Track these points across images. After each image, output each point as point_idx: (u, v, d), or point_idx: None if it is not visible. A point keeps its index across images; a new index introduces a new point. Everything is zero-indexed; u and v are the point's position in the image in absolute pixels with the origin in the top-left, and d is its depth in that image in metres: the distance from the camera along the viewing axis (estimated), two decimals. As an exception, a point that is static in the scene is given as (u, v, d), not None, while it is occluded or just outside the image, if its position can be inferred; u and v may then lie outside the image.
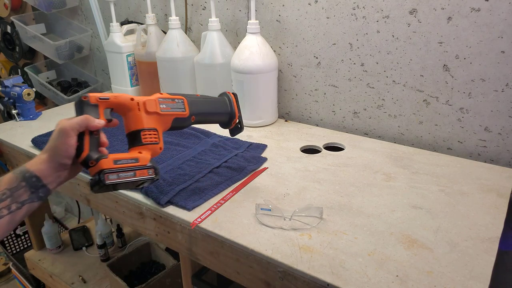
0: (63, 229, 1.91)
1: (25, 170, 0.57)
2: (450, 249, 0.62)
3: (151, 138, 0.65)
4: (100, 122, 0.61)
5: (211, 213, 0.72)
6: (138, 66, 1.32)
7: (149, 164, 0.63)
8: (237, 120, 0.80)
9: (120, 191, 0.82)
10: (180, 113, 0.70)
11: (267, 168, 0.87)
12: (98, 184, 0.59)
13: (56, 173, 0.58)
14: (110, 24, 1.30)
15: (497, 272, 0.60)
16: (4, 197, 0.55)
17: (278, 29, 1.11)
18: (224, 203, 0.75)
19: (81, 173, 0.90)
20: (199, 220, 0.70)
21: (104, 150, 0.63)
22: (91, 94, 0.62)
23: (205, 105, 0.76)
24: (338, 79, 1.06)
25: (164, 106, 0.68)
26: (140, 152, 0.64)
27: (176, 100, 0.70)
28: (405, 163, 0.88)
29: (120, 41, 1.30)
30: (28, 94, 1.20)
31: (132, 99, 0.65)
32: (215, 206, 0.74)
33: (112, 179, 0.58)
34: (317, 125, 1.14)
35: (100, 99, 0.62)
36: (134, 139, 0.65)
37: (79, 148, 0.59)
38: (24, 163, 0.59)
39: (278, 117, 1.16)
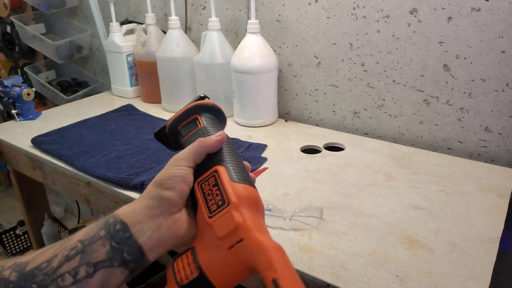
0: (63, 229, 1.91)
1: (112, 215, 0.38)
2: (450, 249, 0.61)
3: None
4: (218, 136, 0.43)
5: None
6: (138, 66, 1.31)
7: None
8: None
9: (120, 190, 0.82)
10: None
11: (267, 168, 0.87)
12: None
13: (158, 216, 0.38)
14: (110, 24, 1.30)
15: (497, 272, 0.60)
16: (72, 253, 0.35)
17: (278, 29, 1.11)
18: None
19: (80, 173, 0.90)
20: None
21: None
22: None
23: None
24: (338, 79, 1.06)
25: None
26: None
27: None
28: (405, 163, 0.88)
29: (119, 41, 1.30)
30: (28, 94, 1.20)
31: None
32: None
33: None
34: (317, 125, 1.14)
35: None
36: None
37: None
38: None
39: (278, 117, 1.16)
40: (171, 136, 0.50)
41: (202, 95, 0.51)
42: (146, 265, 0.38)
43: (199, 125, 0.47)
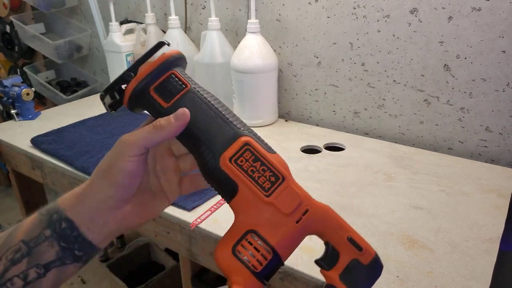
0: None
1: (55, 208, 0.35)
2: (450, 249, 0.61)
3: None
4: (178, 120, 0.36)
5: (211, 214, 0.72)
6: (137, 66, 1.31)
7: None
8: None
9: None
10: None
11: None
12: None
13: (106, 212, 0.36)
14: (110, 23, 1.30)
15: (497, 272, 0.59)
16: (18, 257, 0.34)
17: (278, 29, 1.11)
18: (224, 203, 0.75)
19: (80, 173, 0.90)
20: (199, 220, 0.70)
21: None
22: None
23: None
24: (338, 78, 1.06)
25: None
26: None
27: None
28: (405, 163, 0.88)
29: (119, 40, 1.30)
30: (27, 94, 1.20)
31: None
32: (215, 206, 0.74)
33: None
34: (317, 125, 1.13)
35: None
36: None
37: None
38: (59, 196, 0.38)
39: (278, 117, 1.16)
40: (137, 103, 0.38)
41: (162, 41, 0.40)
42: (99, 252, 0.38)
43: (186, 86, 0.37)
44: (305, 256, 0.60)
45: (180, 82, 0.37)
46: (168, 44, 0.39)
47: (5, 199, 2.34)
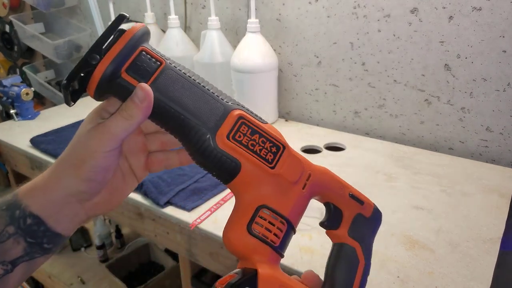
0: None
1: (16, 203, 0.33)
2: (451, 249, 0.61)
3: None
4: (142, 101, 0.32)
5: (210, 214, 0.71)
6: (137, 66, 1.31)
7: None
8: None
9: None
10: None
11: None
12: None
13: (76, 205, 0.34)
14: (109, 23, 1.29)
15: (498, 273, 0.59)
16: None
17: (278, 28, 1.10)
18: (223, 203, 0.75)
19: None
20: (199, 221, 0.70)
21: None
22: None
23: None
24: (339, 78, 1.05)
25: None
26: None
27: None
28: (406, 163, 0.88)
29: (119, 40, 1.29)
30: (27, 94, 1.19)
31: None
32: (214, 206, 0.74)
33: None
34: (317, 125, 1.13)
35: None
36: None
37: None
38: (19, 185, 0.35)
39: (279, 117, 1.15)
40: (108, 89, 0.33)
41: (122, 14, 0.34)
42: (67, 239, 0.36)
43: (162, 63, 0.33)
44: (305, 256, 0.60)
45: (154, 59, 0.33)
46: (129, 18, 0.34)
47: (4, 199, 2.34)
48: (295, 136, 1.03)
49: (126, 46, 0.32)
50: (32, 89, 1.22)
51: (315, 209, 0.69)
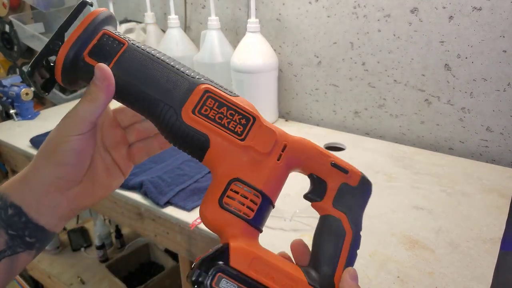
0: (62, 230, 1.90)
1: None
2: (451, 250, 0.61)
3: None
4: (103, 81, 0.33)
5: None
6: (137, 66, 1.31)
7: None
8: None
9: (118, 190, 0.81)
10: None
11: None
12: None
13: (55, 194, 0.34)
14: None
15: (498, 273, 0.59)
16: None
17: (278, 28, 1.10)
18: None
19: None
20: (199, 221, 0.70)
21: None
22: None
23: None
24: (339, 78, 1.05)
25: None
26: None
27: None
28: (406, 163, 0.87)
29: (119, 40, 1.29)
30: (27, 94, 1.19)
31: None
32: None
33: None
34: (317, 125, 1.13)
35: None
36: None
37: None
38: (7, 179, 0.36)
39: (279, 117, 1.15)
40: (72, 74, 0.33)
41: (85, 1, 0.36)
42: (54, 236, 0.36)
43: (124, 44, 0.34)
44: (306, 256, 0.60)
45: (117, 41, 0.34)
46: (91, 4, 0.36)
47: (4, 199, 2.34)
48: (295, 136, 1.03)
49: (85, 30, 0.33)
50: (32, 89, 1.22)
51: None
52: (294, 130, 1.07)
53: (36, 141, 1.02)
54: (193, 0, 1.26)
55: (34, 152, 0.99)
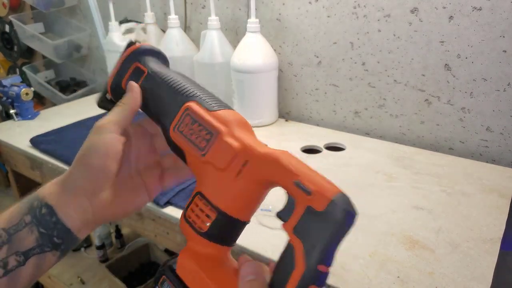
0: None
1: (35, 196, 0.36)
2: (451, 250, 0.61)
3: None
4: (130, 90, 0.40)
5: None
6: (137, 66, 1.31)
7: None
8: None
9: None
10: None
11: None
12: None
13: (83, 198, 0.35)
14: (109, 23, 1.29)
15: (498, 273, 0.59)
16: None
17: (278, 28, 1.10)
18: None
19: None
20: None
21: None
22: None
23: None
24: (339, 78, 1.05)
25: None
26: None
27: None
28: (406, 163, 0.88)
29: (119, 40, 1.29)
30: (27, 94, 1.19)
31: None
32: None
33: None
34: (317, 125, 1.13)
35: None
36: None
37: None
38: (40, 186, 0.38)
39: (279, 117, 1.15)
40: (118, 99, 0.41)
41: (131, 41, 0.44)
42: (78, 242, 0.37)
43: (144, 72, 0.41)
44: (306, 256, 0.60)
45: (142, 70, 0.42)
46: (134, 42, 0.43)
47: (4, 199, 2.33)
48: (295, 136, 1.03)
49: (121, 65, 0.43)
50: (32, 89, 1.22)
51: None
52: (294, 130, 1.07)
53: (36, 141, 1.02)
54: (193, 0, 1.26)
55: (34, 152, 0.99)
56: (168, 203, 0.75)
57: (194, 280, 0.33)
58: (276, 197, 0.79)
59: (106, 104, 0.44)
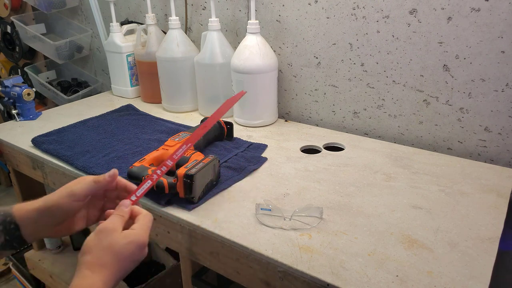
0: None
1: (8, 214, 0.54)
2: (450, 249, 0.62)
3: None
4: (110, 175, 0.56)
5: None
6: (138, 66, 1.32)
7: None
8: (226, 130, 0.97)
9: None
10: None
11: (245, 92, 0.90)
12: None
13: (40, 228, 0.55)
14: (110, 24, 1.30)
15: (497, 272, 0.60)
16: None
17: (278, 29, 1.11)
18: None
19: (80, 173, 0.90)
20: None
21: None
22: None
23: (205, 137, 0.92)
24: (338, 79, 1.06)
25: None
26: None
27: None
28: (405, 163, 0.88)
29: (120, 41, 1.30)
30: (28, 94, 1.20)
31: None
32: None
33: None
34: (317, 125, 1.14)
35: None
36: None
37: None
38: (13, 204, 0.56)
39: (278, 117, 1.16)
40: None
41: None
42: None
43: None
44: (305, 255, 0.61)
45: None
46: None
47: (6, 199, 2.34)
48: (294, 136, 1.04)
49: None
50: (34, 89, 1.23)
51: (315, 209, 0.70)
52: (293, 130, 1.08)
53: (37, 141, 1.02)
54: (194, 2, 1.26)
55: (35, 152, 1.00)
56: (168, 202, 0.76)
57: None
58: (276, 197, 0.80)
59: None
